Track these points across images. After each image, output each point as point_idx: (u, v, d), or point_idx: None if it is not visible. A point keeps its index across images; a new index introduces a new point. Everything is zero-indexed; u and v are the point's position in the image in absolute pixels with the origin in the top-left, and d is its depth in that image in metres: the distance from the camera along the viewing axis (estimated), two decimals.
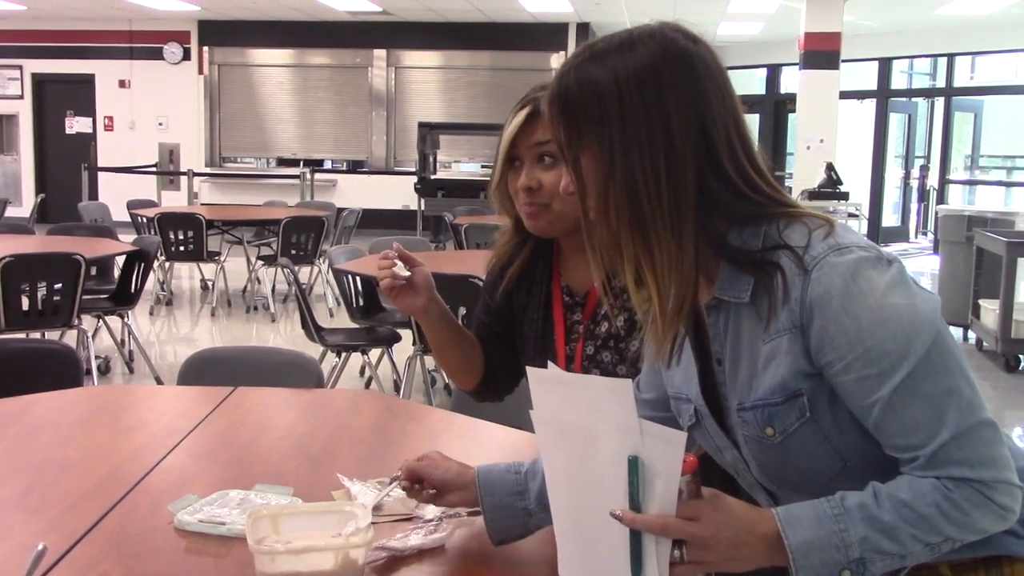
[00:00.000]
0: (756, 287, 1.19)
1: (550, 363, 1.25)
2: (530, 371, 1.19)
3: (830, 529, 1.10)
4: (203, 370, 2.57)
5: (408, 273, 1.72)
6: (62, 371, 2.65)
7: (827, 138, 11.03)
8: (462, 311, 4.48)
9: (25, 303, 4.84)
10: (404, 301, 1.75)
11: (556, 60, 13.73)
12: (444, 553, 1.48)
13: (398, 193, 13.30)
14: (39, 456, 1.89)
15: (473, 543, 1.51)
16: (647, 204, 1.15)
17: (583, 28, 13.56)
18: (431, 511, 1.58)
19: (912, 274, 1.17)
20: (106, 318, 5.71)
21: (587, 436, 1.13)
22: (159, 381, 5.60)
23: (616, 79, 1.16)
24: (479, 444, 2.05)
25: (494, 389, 1.95)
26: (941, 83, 14.36)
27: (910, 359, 1.10)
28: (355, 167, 14.42)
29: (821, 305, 1.12)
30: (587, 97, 1.17)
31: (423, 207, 11.91)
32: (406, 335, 4.83)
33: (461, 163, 13.93)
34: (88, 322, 5.44)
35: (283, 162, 14.52)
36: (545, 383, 1.19)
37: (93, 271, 5.49)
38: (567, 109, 1.19)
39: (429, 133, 12.27)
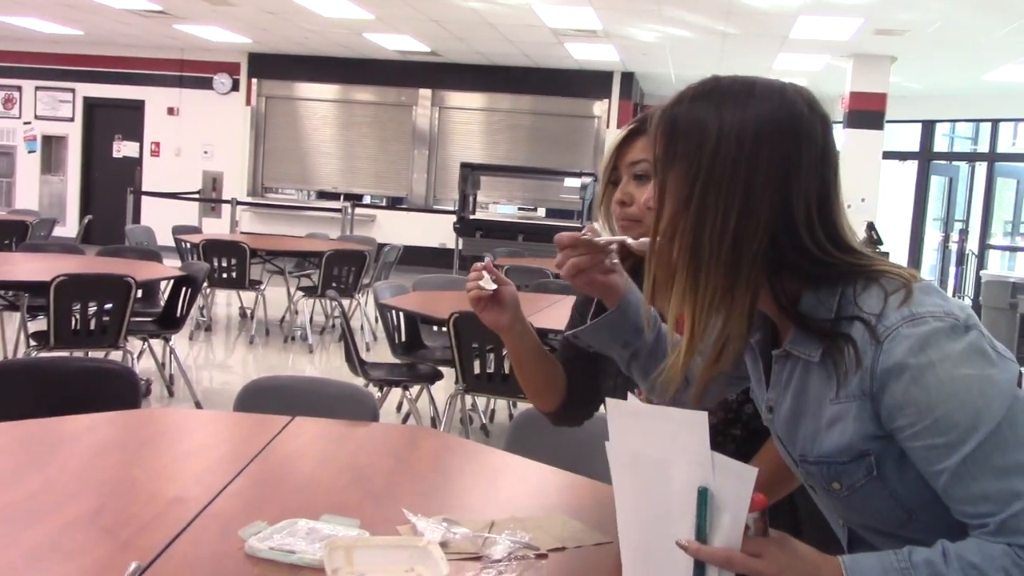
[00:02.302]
0: (827, 350, 1.21)
1: (630, 394, 1.27)
2: (609, 402, 1.22)
3: None
4: (260, 398, 2.60)
5: (494, 286, 1.75)
6: (121, 392, 2.69)
7: (869, 198, 11.01)
8: (506, 351, 4.50)
9: (74, 322, 4.92)
10: (489, 316, 1.77)
11: (599, 107, 13.83)
12: None
13: (436, 231, 13.39)
14: (107, 476, 1.92)
15: None
16: (708, 243, 1.19)
17: (627, 77, 13.67)
18: (499, 551, 1.59)
19: None
20: (150, 341, 5.78)
21: (660, 466, 1.15)
22: (199, 406, 5.65)
23: (721, 121, 1.19)
24: (539, 487, 2.06)
25: (574, 413, 1.97)
26: (983, 148, 14.32)
27: (980, 431, 1.10)
28: (394, 203, 14.55)
29: (892, 375, 1.14)
30: (690, 127, 1.21)
31: (460, 246, 11.98)
32: (447, 373, 4.85)
33: (499, 204, 14.02)
34: (133, 344, 5.50)
35: (323, 195, 14.67)
36: (623, 414, 1.21)
37: (140, 293, 5.55)
38: (670, 129, 1.24)
39: (471, 173, 12.38)
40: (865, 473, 1.19)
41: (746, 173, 1.18)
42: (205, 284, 7.57)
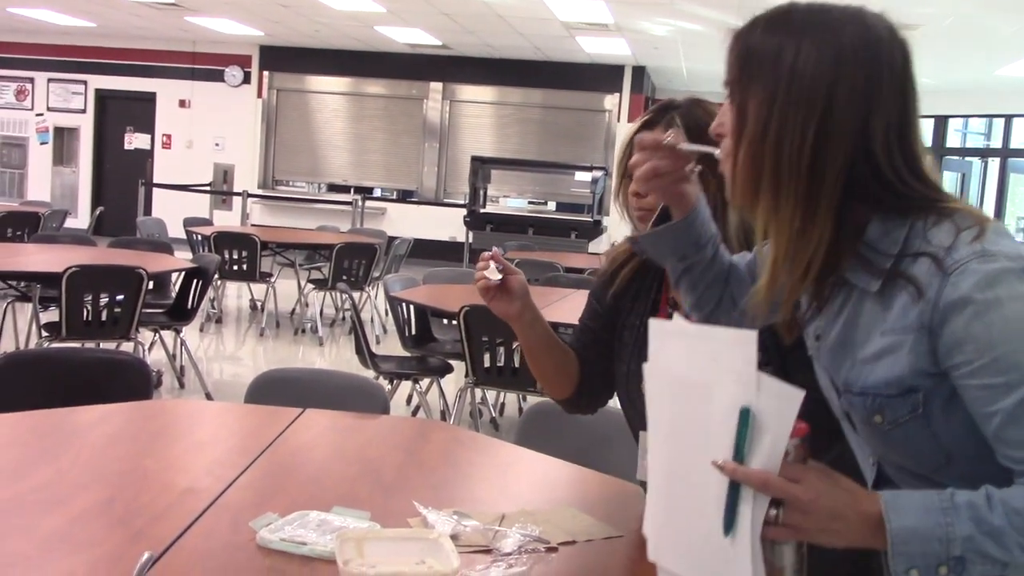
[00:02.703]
0: (887, 282, 1.19)
1: (675, 314, 1.25)
2: (652, 323, 1.20)
3: (935, 521, 1.07)
4: (270, 390, 2.61)
5: (499, 276, 1.76)
6: (132, 383, 2.70)
7: None
8: (516, 344, 4.51)
9: (85, 313, 4.93)
10: (499, 305, 1.79)
11: (610, 101, 13.81)
12: None
13: (446, 224, 13.39)
14: (119, 466, 1.92)
15: None
16: (787, 164, 1.17)
17: (639, 71, 13.63)
18: (509, 544, 1.59)
19: None
20: (161, 332, 5.80)
21: (700, 388, 1.12)
22: (209, 397, 5.67)
23: (799, 46, 1.18)
24: (549, 480, 2.06)
25: (588, 400, 1.97)
26: (996, 143, 14.24)
27: None
28: (405, 196, 14.56)
29: (955, 309, 1.11)
30: (767, 53, 1.20)
31: (471, 240, 11.98)
32: (457, 366, 4.86)
33: (510, 198, 14.02)
34: (144, 335, 5.52)
35: (334, 188, 14.69)
36: (666, 335, 1.19)
37: (151, 285, 5.57)
38: (745, 54, 1.23)
39: (481, 167, 12.38)
40: (910, 409, 1.16)
41: (825, 96, 1.16)
42: (216, 276, 7.59)
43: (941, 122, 13.97)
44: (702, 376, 1.12)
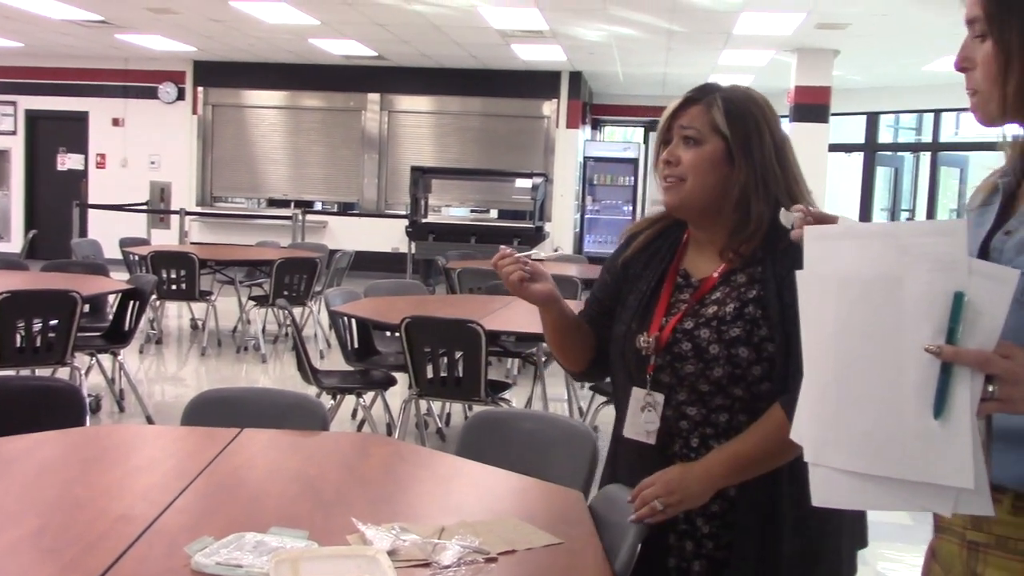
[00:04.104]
0: None
1: (840, 217, 1.28)
2: (809, 230, 1.22)
3: None
4: (208, 411, 2.57)
5: (543, 254, 1.80)
6: (65, 409, 2.64)
7: (816, 190, 11.03)
8: (459, 354, 4.50)
9: (18, 340, 4.82)
10: (539, 288, 1.83)
11: (548, 107, 13.86)
12: None
13: (388, 236, 13.33)
14: (49, 495, 1.88)
15: None
16: None
17: (575, 76, 13.70)
18: (448, 556, 1.58)
19: None
20: (98, 356, 5.69)
21: (884, 281, 1.14)
22: (150, 420, 5.57)
23: None
24: (490, 491, 2.05)
25: (601, 369, 2.01)
26: (927, 138, 14.54)
27: None
28: (346, 209, 14.46)
29: None
30: None
31: (413, 250, 11.95)
32: (401, 379, 4.83)
33: (452, 207, 14.00)
34: (80, 359, 5.41)
35: (274, 203, 14.54)
36: (828, 239, 1.21)
37: (86, 308, 5.46)
38: None
39: (421, 177, 12.34)
40: None
41: None
42: (154, 296, 7.47)
43: (873, 118, 14.24)
44: (886, 270, 1.14)
